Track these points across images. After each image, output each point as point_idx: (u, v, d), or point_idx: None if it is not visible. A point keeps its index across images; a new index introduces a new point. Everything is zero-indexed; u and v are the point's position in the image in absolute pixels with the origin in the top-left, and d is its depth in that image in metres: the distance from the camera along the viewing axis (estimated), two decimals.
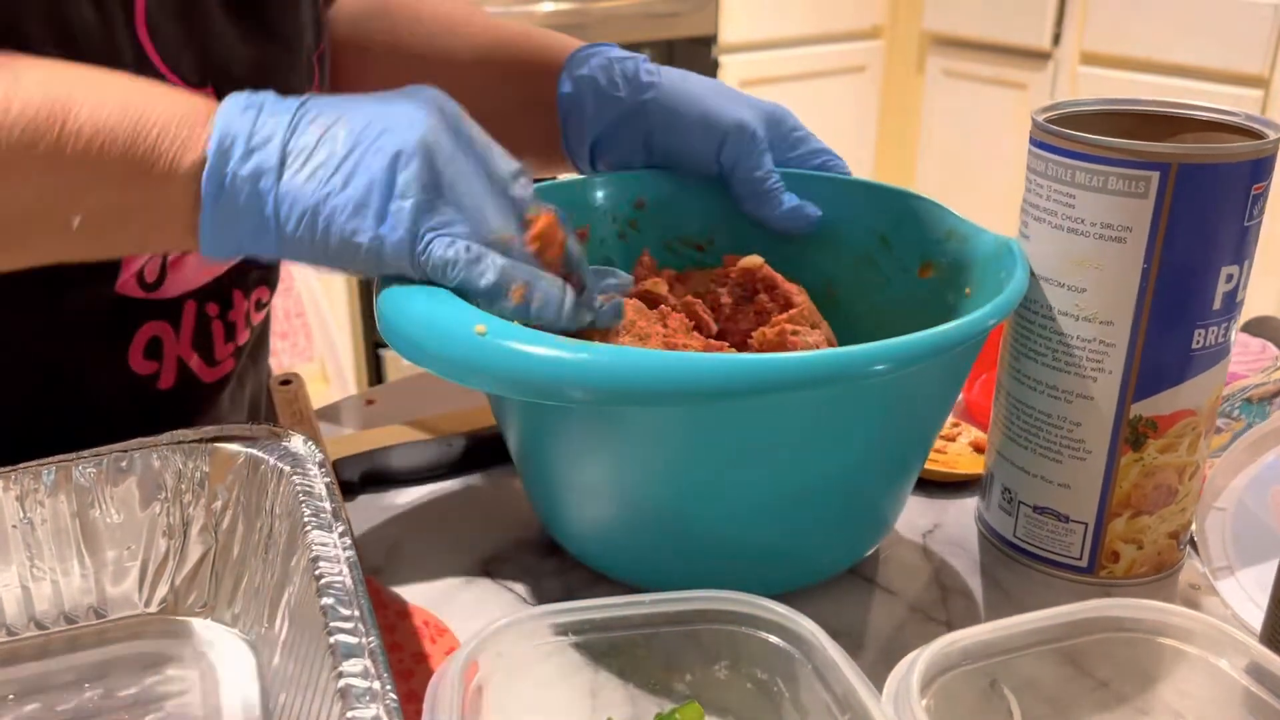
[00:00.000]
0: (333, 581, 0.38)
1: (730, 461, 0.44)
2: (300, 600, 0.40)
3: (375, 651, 0.35)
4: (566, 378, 0.39)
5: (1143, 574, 0.51)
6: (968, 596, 0.51)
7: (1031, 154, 0.48)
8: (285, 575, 0.43)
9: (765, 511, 0.46)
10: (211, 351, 0.64)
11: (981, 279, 0.51)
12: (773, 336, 0.52)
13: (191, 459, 0.47)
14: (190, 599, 0.47)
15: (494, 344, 0.39)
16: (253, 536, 0.46)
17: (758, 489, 0.45)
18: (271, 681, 0.42)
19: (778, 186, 0.59)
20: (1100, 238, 0.46)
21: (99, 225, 0.45)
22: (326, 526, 0.41)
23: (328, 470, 0.45)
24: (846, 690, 0.36)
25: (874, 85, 3.05)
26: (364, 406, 0.70)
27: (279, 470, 0.45)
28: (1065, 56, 2.62)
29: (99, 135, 0.43)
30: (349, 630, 0.36)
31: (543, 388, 0.39)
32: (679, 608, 0.40)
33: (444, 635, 0.47)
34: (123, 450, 0.46)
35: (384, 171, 0.43)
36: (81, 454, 0.46)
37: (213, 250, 0.45)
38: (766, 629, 0.40)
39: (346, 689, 0.33)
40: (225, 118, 0.44)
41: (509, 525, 0.56)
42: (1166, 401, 0.48)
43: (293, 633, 0.41)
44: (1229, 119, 0.48)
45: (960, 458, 0.61)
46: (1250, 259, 0.47)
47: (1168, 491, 0.49)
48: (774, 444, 0.43)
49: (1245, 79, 2.29)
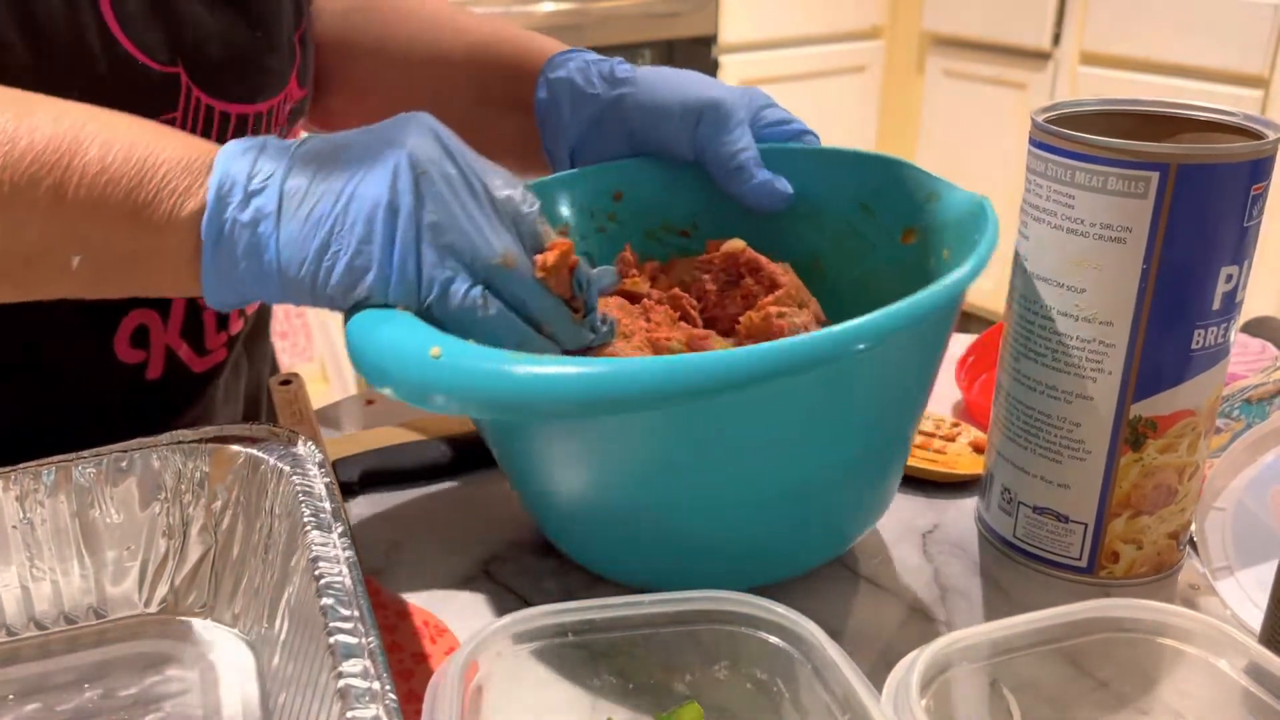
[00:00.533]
0: (332, 582, 0.38)
1: (704, 458, 0.44)
2: (300, 600, 0.40)
3: (375, 652, 0.35)
4: (516, 395, 0.39)
5: (1142, 574, 0.51)
6: (967, 597, 0.51)
7: (1031, 154, 0.48)
8: (285, 575, 0.43)
9: (750, 505, 0.46)
10: (202, 340, 0.63)
11: (957, 240, 0.50)
12: (759, 321, 0.52)
13: (191, 459, 0.47)
14: (190, 599, 0.47)
15: (448, 365, 0.40)
16: (252, 536, 0.46)
17: (739, 483, 0.45)
18: (271, 682, 0.42)
19: (749, 160, 0.58)
20: (1100, 238, 0.46)
21: (102, 268, 0.44)
22: (326, 527, 0.41)
23: (327, 470, 0.45)
24: (846, 691, 0.36)
25: (874, 85, 3.06)
26: (364, 406, 0.70)
27: (279, 470, 0.45)
28: (1065, 56, 2.62)
29: (103, 177, 0.43)
30: (349, 630, 0.36)
31: (494, 404, 0.40)
32: (679, 608, 0.40)
33: (444, 635, 0.47)
34: (123, 450, 0.46)
35: (383, 210, 0.42)
36: (81, 454, 0.46)
37: (217, 299, 0.45)
38: (766, 629, 0.40)
39: (346, 689, 0.33)
40: (225, 160, 0.43)
41: (508, 526, 0.56)
42: (1166, 402, 0.48)
43: (292, 633, 0.41)
44: (1228, 119, 0.48)
45: (960, 458, 0.61)
46: (1250, 259, 0.47)
47: (1167, 492, 0.49)
48: (751, 436, 0.43)
49: (1245, 79, 2.29)
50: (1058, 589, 0.51)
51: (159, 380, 0.61)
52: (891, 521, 0.56)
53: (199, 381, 0.64)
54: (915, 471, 0.59)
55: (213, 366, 0.65)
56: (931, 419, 0.64)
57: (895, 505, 0.58)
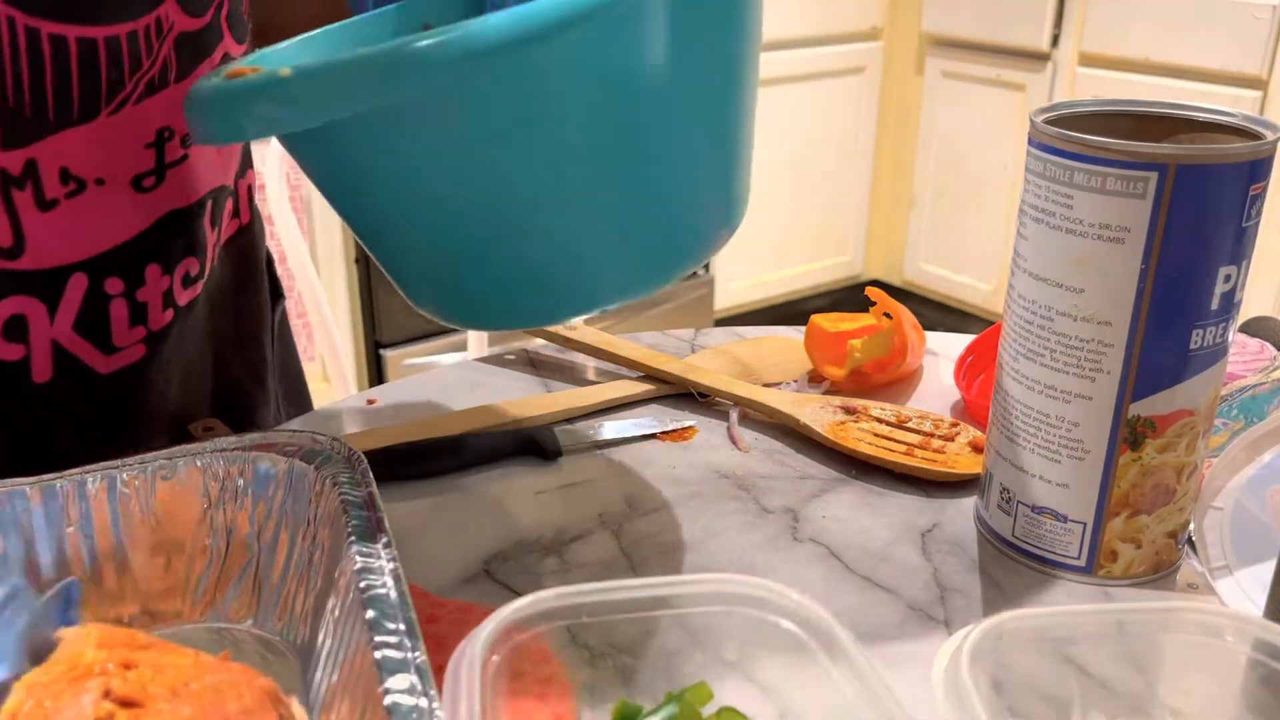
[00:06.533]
0: (377, 594, 0.38)
1: (514, 154, 0.42)
2: (344, 612, 0.40)
3: (422, 667, 0.34)
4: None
5: (1141, 573, 0.51)
6: (966, 596, 0.51)
7: (1030, 155, 0.48)
8: (328, 586, 0.42)
9: (569, 198, 0.43)
10: (108, 337, 0.56)
11: None
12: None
13: (234, 466, 0.46)
14: (234, 608, 0.47)
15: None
16: (296, 546, 0.46)
17: (551, 173, 0.43)
18: (315, 693, 0.42)
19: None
20: (1098, 238, 0.46)
21: None
22: (370, 537, 0.41)
23: (371, 480, 0.45)
24: (856, 676, 0.36)
25: (873, 86, 3.06)
26: (365, 406, 0.70)
27: (322, 479, 0.45)
28: (1064, 57, 2.63)
29: None
30: (394, 645, 0.35)
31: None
32: (691, 590, 0.41)
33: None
34: (167, 458, 0.46)
35: None
36: (126, 461, 0.46)
37: None
38: (776, 613, 0.40)
39: (394, 706, 0.33)
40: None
41: (509, 525, 0.56)
42: (1165, 401, 0.48)
43: (336, 645, 0.41)
44: (1227, 120, 0.49)
45: (959, 458, 0.61)
46: (1248, 259, 0.47)
47: (1166, 491, 0.50)
48: (544, 111, 0.41)
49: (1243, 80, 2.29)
50: (1056, 588, 0.51)
51: (49, 385, 0.54)
52: (890, 521, 0.57)
53: (110, 386, 0.57)
54: (914, 471, 0.60)
55: (124, 368, 0.57)
56: (930, 418, 0.65)
57: (894, 504, 0.58)
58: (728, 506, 0.58)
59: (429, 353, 2.30)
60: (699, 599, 0.41)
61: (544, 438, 0.63)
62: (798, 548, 0.54)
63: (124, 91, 0.54)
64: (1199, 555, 0.51)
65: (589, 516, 0.57)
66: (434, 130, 0.41)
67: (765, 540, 0.55)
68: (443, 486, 0.60)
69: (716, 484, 0.60)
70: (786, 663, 0.40)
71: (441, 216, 0.45)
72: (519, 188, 0.43)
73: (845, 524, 0.56)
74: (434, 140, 0.42)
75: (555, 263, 0.46)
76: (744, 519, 0.57)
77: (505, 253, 0.45)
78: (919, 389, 0.72)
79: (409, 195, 0.44)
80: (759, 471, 0.62)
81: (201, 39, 0.57)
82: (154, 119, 0.56)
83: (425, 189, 0.44)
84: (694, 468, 0.62)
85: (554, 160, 0.43)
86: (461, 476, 0.61)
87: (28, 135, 0.50)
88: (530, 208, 0.44)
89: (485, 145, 0.42)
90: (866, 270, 3.31)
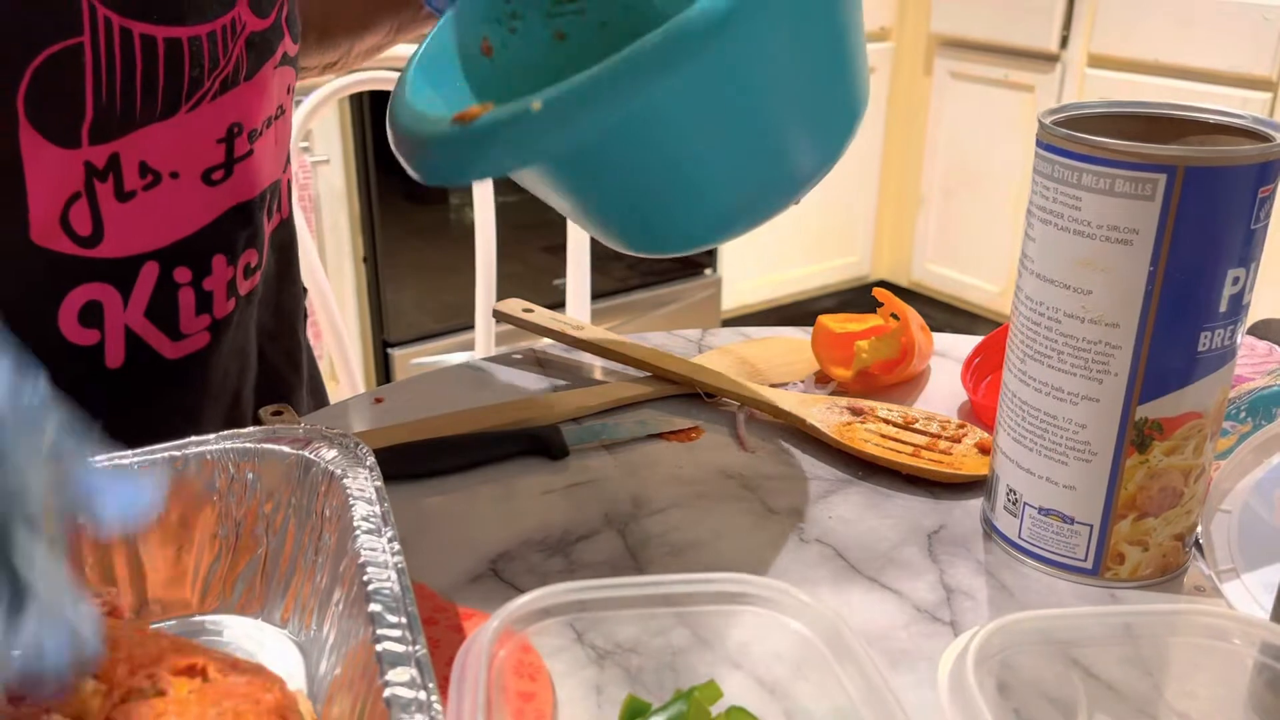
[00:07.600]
0: (380, 587, 0.38)
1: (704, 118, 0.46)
2: (348, 604, 0.40)
3: (422, 660, 0.34)
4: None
5: (1147, 576, 0.51)
6: (973, 598, 0.51)
7: (1038, 156, 0.48)
8: (334, 579, 0.43)
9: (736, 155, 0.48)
10: (175, 323, 0.58)
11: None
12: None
13: (243, 459, 0.46)
14: (241, 600, 0.47)
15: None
16: (302, 538, 0.46)
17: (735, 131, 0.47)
18: (319, 685, 0.42)
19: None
20: (1106, 240, 0.46)
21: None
22: (376, 531, 0.41)
23: (378, 474, 0.45)
24: (862, 677, 0.36)
25: (882, 87, 3.05)
26: (372, 405, 0.70)
27: (330, 472, 0.45)
28: (1073, 59, 2.62)
29: None
30: (396, 638, 0.35)
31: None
32: (698, 589, 0.41)
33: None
34: (177, 449, 0.46)
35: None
36: (135, 452, 0.46)
37: None
38: (784, 613, 0.40)
39: (393, 699, 0.33)
40: None
41: (516, 525, 0.56)
42: (1172, 404, 0.48)
43: (340, 637, 0.41)
44: (1236, 121, 0.49)
45: (965, 459, 0.61)
46: (1257, 262, 0.47)
47: (1173, 494, 0.50)
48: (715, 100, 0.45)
49: (1253, 81, 2.29)
50: (1063, 590, 0.51)
51: (123, 369, 0.56)
52: (897, 522, 0.57)
53: (175, 370, 0.59)
54: (921, 472, 0.60)
55: (190, 354, 0.59)
56: (937, 420, 0.64)
57: (901, 506, 0.58)
58: (734, 507, 0.58)
59: (436, 352, 2.30)
60: (706, 598, 0.41)
61: (550, 437, 0.63)
62: (804, 548, 0.55)
63: (203, 89, 0.56)
64: (1206, 558, 0.51)
65: (595, 516, 0.57)
66: (659, 113, 0.45)
67: (771, 540, 0.55)
68: (449, 485, 0.60)
69: (723, 484, 0.60)
70: (793, 663, 0.40)
71: (653, 174, 0.49)
72: (717, 138, 0.48)
73: (852, 525, 0.56)
74: (654, 122, 0.45)
75: (745, 182, 0.50)
76: (750, 519, 0.57)
77: (710, 185, 0.50)
78: (926, 390, 0.72)
79: (625, 166, 0.48)
80: (765, 472, 0.62)
81: (267, 38, 0.60)
82: (227, 115, 0.58)
83: (638, 158, 0.48)
84: (700, 468, 0.62)
85: (745, 107, 0.47)
86: (468, 476, 0.61)
87: (115, 130, 0.53)
88: (725, 149, 0.48)
89: (698, 115, 0.46)
90: (874, 271, 3.30)
